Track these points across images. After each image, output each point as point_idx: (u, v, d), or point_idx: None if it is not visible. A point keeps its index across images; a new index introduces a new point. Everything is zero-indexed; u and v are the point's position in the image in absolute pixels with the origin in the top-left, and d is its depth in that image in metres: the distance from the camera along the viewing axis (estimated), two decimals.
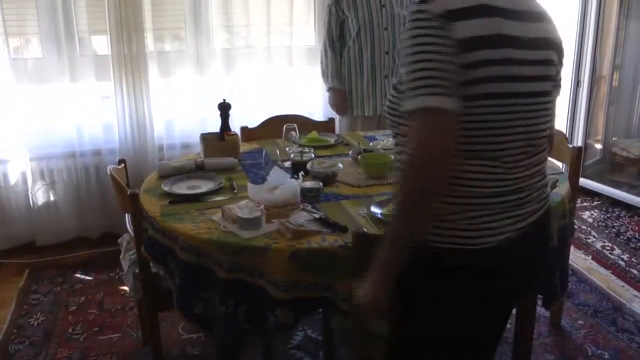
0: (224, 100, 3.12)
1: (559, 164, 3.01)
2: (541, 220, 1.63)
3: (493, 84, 1.42)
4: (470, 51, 1.38)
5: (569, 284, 3.32)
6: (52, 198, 4.06)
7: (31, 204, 4.00)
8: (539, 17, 1.57)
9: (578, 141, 5.06)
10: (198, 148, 3.27)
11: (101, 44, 3.98)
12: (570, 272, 3.42)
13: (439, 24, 1.38)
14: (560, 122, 5.08)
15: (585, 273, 3.72)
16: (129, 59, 3.92)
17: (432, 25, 1.38)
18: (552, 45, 1.59)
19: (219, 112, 3.10)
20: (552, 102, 1.65)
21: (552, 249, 1.82)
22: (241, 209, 2.20)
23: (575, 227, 4.22)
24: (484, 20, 1.42)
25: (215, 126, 3.14)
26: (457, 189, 1.46)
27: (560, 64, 1.67)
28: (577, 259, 3.89)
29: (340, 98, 3.94)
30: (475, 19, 1.41)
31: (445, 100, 1.34)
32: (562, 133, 3.08)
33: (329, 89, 3.96)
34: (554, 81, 1.64)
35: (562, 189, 2.46)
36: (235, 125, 3.25)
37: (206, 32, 4.10)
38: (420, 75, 1.36)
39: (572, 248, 3.47)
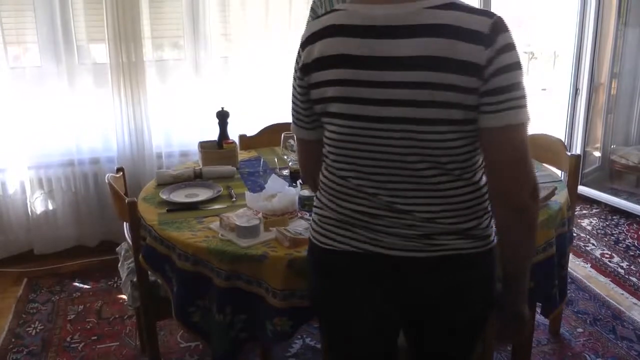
0: (222, 108, 3.12)
1: (558, 172, 3.01)
2: (422, 266, 1.46)
3: (334, 104, 1.45)
4: (309, 74, 1.49)
5: (568, 291, 3.32)
6: (50, 206, 4.05)
7: (29, 212, 4.00)
8: (418, 32, 1.32)
9: (577, 149, 5.06)
10: (196, 156, 3.27)
11: (100, 52, 3.99)
12: (569, 280, 3.42)
13: (298, 54, 1.55)
14: (559, 130, 5.09)
15: (585, 281, 3.71)
16: (128, 67, 3.92)
17: (296, 56, 1.56)
18: (440, 65, 1.30)
19: (217, 120, 3.11)
20: (443, 133, 1.36)
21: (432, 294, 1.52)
22: (239, 217, 2.20)
23: (575, 234, 4.22)
24: (324, 41, 1.44)
25: (213, 134, 3.14)
26: (323, 190, 1.59)
27: (485, 84, 1.31)
28: (576, 266, 3.89)
29: None
30: (318, 42, 1.45)
31: (296, 129, 1.68)
32: (560, 141, 3.08)
33: None
34: (467, 108, 1.33)
35: (561, 196, 2.46)
36: (233, 134, 3.25)
37: (204, 40, 4.10)
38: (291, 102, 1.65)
39: (571, 256, 3.47)
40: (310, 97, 1.52)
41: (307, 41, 1.49)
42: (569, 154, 2.89)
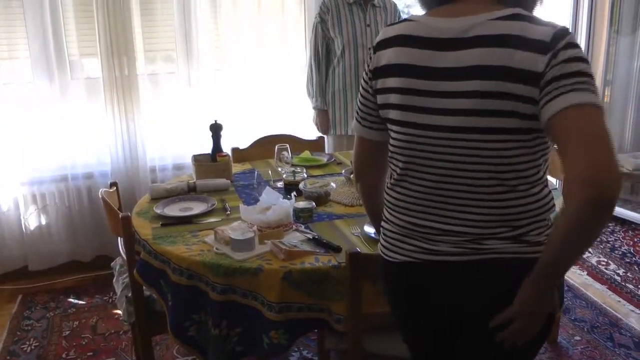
0: (216, 121, 3.12)
1: (553, 180, 3.00)
2: (468, 267, 1.46)
3: (394, 111, 1.52)
4: (377, 79, 1.56)
5: (565, 299, 3.31)
6: (44, 222, 4.03)
7: (23, 229, 3.97)
8: (475, 43, 1.35)
9: None
10: (190, 169, 3.26)
11: (92, 67, 3.98)
12: (566, 287, 3.41)
13: (369, 57, 1.61)
14: None
15: (581, 288, 3.70)
16: (120, 82, 3.91)
17: (367, 58, 1.63)
18: (498, 74, 1.32)
19: (210, 133, 3.10)
20: (499, 142, 1.37)
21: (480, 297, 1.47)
22: (234, 230, 2.19)
23: None
24: (392, 49, 1.51)
25: (207, 147, 3.13)
26: (385, 205, 1.64)
27: (544, 87, 1.29)
28: (573, 274, 3.88)
29: (322, 118, 3.98)
30: (387, 49, 1.52)
31: (360, 129, 1.68)
32: (555, 149, 3.07)
33: (314, 108, 3.98)
34: (522, 116, 1.33)
35: (556, 205, 2.45)
36: (227, 146, 3.24)
37: (197, 54, 4.10)
38: (357, 101, 1.69)
39: None
40: (375, 101, 1.59)
41: (379, 46, 1.56)
42: None
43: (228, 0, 4.09)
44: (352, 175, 2.78)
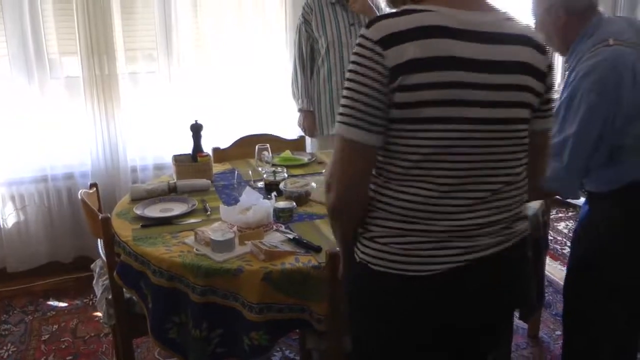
0: (196, 121, 3.10)
1: None
2: (506, 254, 1.51)
3: (432, 108, 1.37)
4: (400, 75, 1.36)
5: (546, 295, 3.33)
6: (23, 223, 3.99)
7: (2, 229, 3.93)
8: (507, 39, 1.45)
9: None
10: (171, 169, 3.24)
11: (72, 65, 3.94)
12: (546, 283, 3.43)
13: (373, 52, 1.38)
14: None
15: (562, 284, 3.71)
16: (100, 81, 3.89)
17: (367, 54, 1.39)
18: (526, 70, 1.46)
19: (191, 133, 3.08)
20: (524, 131, 1.51)
21: (524, 279, 1.61)
22: (214, 231, 2.19)
23: (551, 238, 4.25)
24: (419, 42, 1.35)
25: (188, 147, 3.12)
26: (391, 214, 1.46)
27: (547, 92, 1.55)
28: (553, 269, 3.91)
29: (309, 120, 3.96)
30: (407, 42, 1.35)
31: (362, 134, 1.40)
32: None
33: (299, 110, 3.97)
34: (534, 110, 1.52)
35: (536, 202, 2.47)
36: (207, 146, 3.23)
37: (177, 52, 4.08)
38: (345, 103, 1.42)
39: (548, 259, 3.49)
40: (392, 100, 1.38)
41: (390, 41, 1.36)
42: None
43: None
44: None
